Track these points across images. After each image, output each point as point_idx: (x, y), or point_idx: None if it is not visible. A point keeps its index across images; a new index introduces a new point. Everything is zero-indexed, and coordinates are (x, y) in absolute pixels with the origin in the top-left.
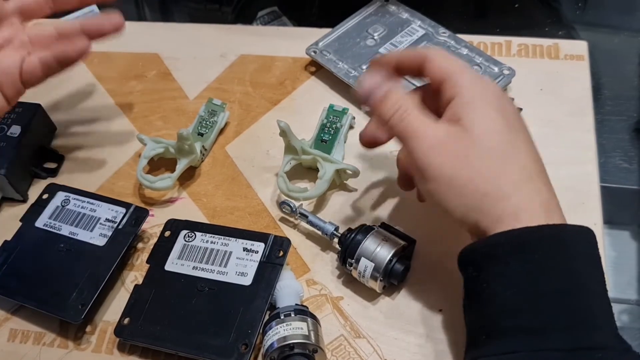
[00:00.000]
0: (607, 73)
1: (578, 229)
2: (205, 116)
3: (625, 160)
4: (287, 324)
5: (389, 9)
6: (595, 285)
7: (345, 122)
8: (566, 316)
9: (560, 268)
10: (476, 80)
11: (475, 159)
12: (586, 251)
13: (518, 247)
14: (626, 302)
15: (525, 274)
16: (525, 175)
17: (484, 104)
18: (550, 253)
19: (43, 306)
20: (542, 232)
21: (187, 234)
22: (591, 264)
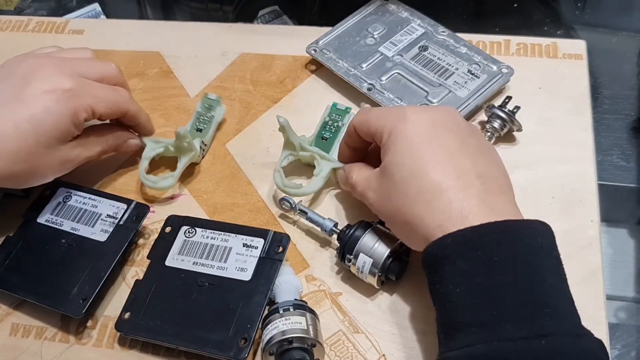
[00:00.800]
0: (605, 72)
1: (521, 223)
2: (202, 112)
3: (622, 158)
4: (286, 318)
5: (388, 8)
6: (546, 274)
7: (347, 121)
8: (517, 306)
9: (506, 261)
10: (388, 120)
11: (392, 194)
12: (533, 243)
13: (462, 246)
14: (623, 300)
15: (473, 270)
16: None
17: (394, 141)
18: (494, 248)
19: (45, 301)
20: (483, 230)
21: (188, 230)
22: (540, 254)
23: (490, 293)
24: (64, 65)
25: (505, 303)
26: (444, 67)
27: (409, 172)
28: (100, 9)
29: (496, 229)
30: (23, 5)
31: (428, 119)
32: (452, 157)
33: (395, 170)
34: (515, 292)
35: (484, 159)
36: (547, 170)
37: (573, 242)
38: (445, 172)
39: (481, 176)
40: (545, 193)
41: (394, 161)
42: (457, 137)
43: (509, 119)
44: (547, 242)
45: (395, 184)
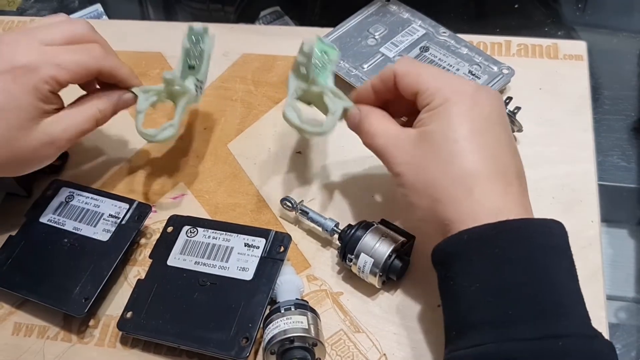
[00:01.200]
0: (606, 73)
1: (538, 222)
2: (190, 47)
3: (623, 159)
4: (287, 317)
5: (389, 9)
6: (560, 274)
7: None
8: (530, 306)
9: (521, 260)
10: (447, 86)
11: (432, 166)
12: (548, 242)
13: (479, 243)
14: (623, 300)
15: (488, 268)
16: (481, 179)
17: (449, 111)
18: (510, 246)
19: (47, 300)
20: (500, 227)
21: (189, 230)
22: (554, 254)
23: (504, 292)
24: (21, 39)
25: (519, 303)
26: (445, 68)
27: (459, 150)
28: (102, 9)
29: (512, 227)
30: (25, 6)
31: (489, 104)
32: (502, 151)
33: (443, 141)
34: (529, 292)
35: (518, 156)
36: (547, 171)
37: (573, 243)
38: (495, 165)
39: (519, 175)
40: (546, 193)
41: (444, 132)
42: (506, 130)
43: (510, 119)
44: (562, 241)
45: (439, 155)
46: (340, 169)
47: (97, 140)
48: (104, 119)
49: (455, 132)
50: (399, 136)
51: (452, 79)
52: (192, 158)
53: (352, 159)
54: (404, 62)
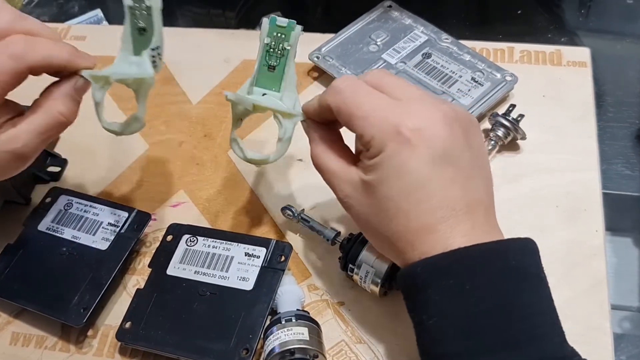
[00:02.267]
0: (610, 79)
1: (493, 245)
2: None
3: (627, 167)
4: (288, 329)
5: (391, 15)
6: (524, 296)
7: (294, 41)
8: (493, 336)
9: (478, 288)
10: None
11: (375, 219)
12: (507, 264)
13: (433, 274)
14: (628, 310)
15: (445, 300)
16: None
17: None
18: (465, 275)
19: (45, 310)
20: (453, 257)
21: (189, 239)
22: (516, 276)
23: (465, 323)
24: None
25: (481, 333)
26: (447, 74)
27: (395, 208)
28: (102, 14)
29: (467, 254)
30: (25, 11)
31: (425, 144)
32: (443, 192)
33: (381, 198)
34: (491, 321)
35: (475, 180)
36: (551, 179)
37: (577, 252)
38: (434, 213)
39: (470, 205)
40: (550, 202)
41: (382, 189)
42: (452, 161)
43: (513, 127)
44: (525, 260)
45: (379, 211)
46: None
47: (96, 147)
48: (70, 116)
49: (392, 188)
50: (348, 176)
51: (388, 115)
52: (192, 165)
53: None
54: (334, 92)
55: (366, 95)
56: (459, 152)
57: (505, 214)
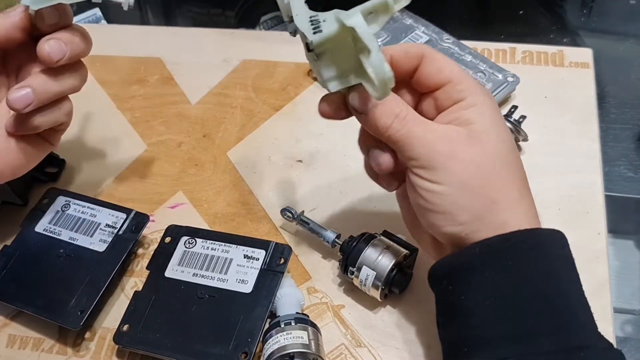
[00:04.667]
0: (612, 80)
1: (548, 232)
2: None
3: (629, 169)
4: (287, 332)
5: (392, 15)
6: (572, 285)
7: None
8: (548, 319)
9: (535, 272)
10: (481, 87)
11: (487, 166)
12: (559, 253)
13: (492, 255)
14: (630, 313)
15: (502, 282)
16: (525, 187)
17: (492, 112)
18: (524, 258)
19: (42, 312)
20: (513, 239)
21: (188, 240)
22: (566, 265)
23: (521, 305)
24: None
25: (537, 316)
26: None
27: (509, 152)
28: (100, 13)
29: (524, 238)
30: None
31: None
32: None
33: (499, 142)
34: (546, 305)
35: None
36: (553, 181)
37: (579, 255)
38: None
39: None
40: (552, 204)
41: (497, 131)
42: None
43: (515, 128)
44: (568, 251)
45: (489, 155)
46: (342, 178)
47: (95, 148)
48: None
49: (504, 134)
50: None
51: (474, 79)
52: (190, 166)
53: (354, 169)
54: (429, 48)
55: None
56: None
57: None
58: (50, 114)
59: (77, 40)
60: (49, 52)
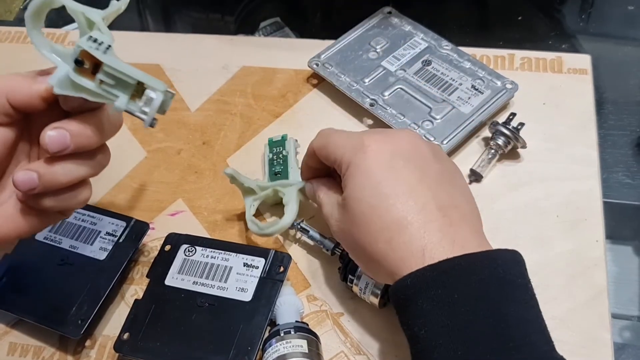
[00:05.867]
0: (611, 86)
1: (482, 255)
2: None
3: (627, 176)
4: (286, 341)
5: (391, 21)
6: (512, 306)
7: (289, 147)
8: (483, 344)
9: (467, 298)
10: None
11: (353, 230)
12: (495, 274)
13: (422, 285)
14: (628, 319)
15: (435, 310)
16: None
17: (353, 174)
18: (454, 285)
19: (42, 320)
20: (442, 267)
21: (188, 249)
22: (503, 286)
23: (455, 332)
24: None
25: (472, 341)
26: (447, 82)
27: (369, 208)
28: None
29: (455, 265)
30: (22, 16)
31: (388, 149)
32: (413, 189)
33: (355, 205)
34: (481, 329)
35: (445, 187)
36: (551, 188)
37: (578, 263)
38: (406, 207)
39: (443, 208)
40: (550, 211)
41: (353, 196)
42: (417, 166)
43: (513, 136)
44: (512, 271)
45: (356, 219)
46: None
47: None
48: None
49: (361, 191)
50: (333, 205)
51: (351, 140)
52: (190, 173)
53: None
54: (318, 137)
55: (339, 131)
56: (424, 161)
57: (506, 223)
58: (62, 200)
59: (87, 132)
60: (47, 143)
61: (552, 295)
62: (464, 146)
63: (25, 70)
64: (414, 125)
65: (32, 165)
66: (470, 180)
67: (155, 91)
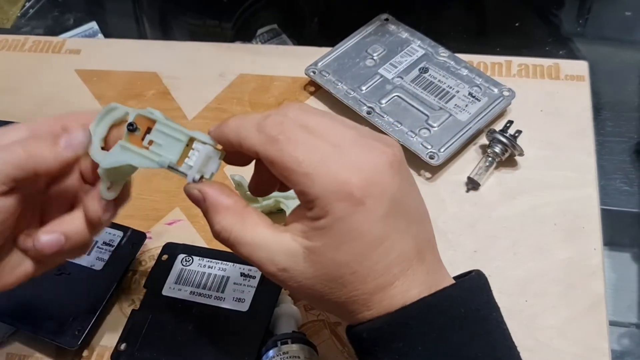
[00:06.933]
0: (608, 92)
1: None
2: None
3: (625, 183)
4: (284, 352)
5: (388, 29)
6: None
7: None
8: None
9: (427, 349)
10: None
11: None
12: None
13: (380, 340)
14: (627, 326)
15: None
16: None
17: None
18: (413, 336)
19: (39, 331)
20: (398, 319)
21: (185, 258)
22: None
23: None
24: None
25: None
26: (444, 89)
27: (350, 274)
28: (97, 27)
29: (411, 315)
30: (20, 24)
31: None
32: (399, 245)
33: (333, 266)
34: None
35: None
36: (549, 196)
37: (576, 271)
38: (394, 271)
39: (421, 251)
40: (548, 219)
41: (332, 255)
42: (402, 212)
43: (510, 143)
44: (474, 304)
45: (329, 279)
46: None
47: None
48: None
49: (346, 253)
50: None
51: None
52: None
53: None
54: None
55: (304, 144)
56: (407, 198)
57: (503, 231)
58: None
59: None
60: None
61: (550, 304)
62: (461, 154)
63: (19, 81)
64: (411, 134)
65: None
66: (467, 188)
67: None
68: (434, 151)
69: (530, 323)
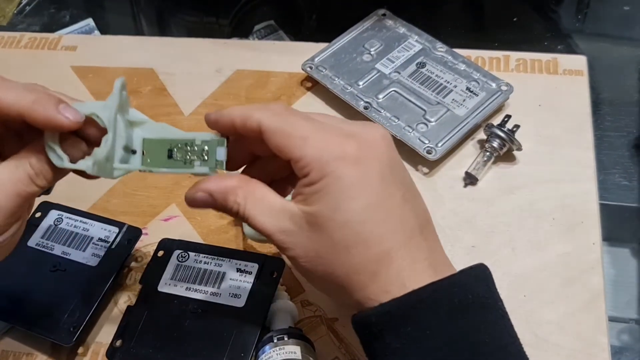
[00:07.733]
0: (607, 87)
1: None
2: None
3: (624, 177)
4: (280, 347)
5: (385, 24)
6: (483, 332)
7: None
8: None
9: (436, 332)
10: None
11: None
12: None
13: (389, 322)
14: (626, 322)
15: (404, 347)
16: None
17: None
18: (422, 320)
19: (34, 328)
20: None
21: (181, 254)
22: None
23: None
24: None
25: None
26: (442, 84)
27: (354, 235)
28: (94, 24)
29: (421, 298)
30: (16, 21)
31: (374, 159)
32: (401, 213)
33: (335, 229)
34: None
35: (416, 194)
36: (547, 191)
37: (574, 266)
38: (396, 237)
39: (422, 227)
40: (546, 214)
41: (332, 217)
42: (399, 178)
43: (509, 138)
44: (480, 292)
45: (333, 244)
46: None
47: None
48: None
49: (346, 213)
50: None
51: (329, 137)
52: (184, 178)
53: None
54: (271, 117)
55: (304, 118)
56: (403, 171)
57: (501, 227)
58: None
59: None
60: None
61: (549, 299)
62: (459, 149)
63: (15, 77)
64: (408, 128)
65: None
66: (465, 183)
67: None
68: (431, 146)
69: (529, 318)
